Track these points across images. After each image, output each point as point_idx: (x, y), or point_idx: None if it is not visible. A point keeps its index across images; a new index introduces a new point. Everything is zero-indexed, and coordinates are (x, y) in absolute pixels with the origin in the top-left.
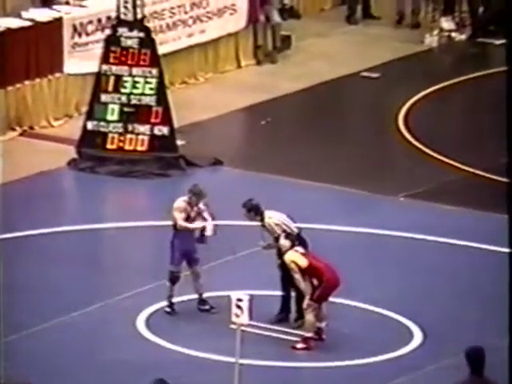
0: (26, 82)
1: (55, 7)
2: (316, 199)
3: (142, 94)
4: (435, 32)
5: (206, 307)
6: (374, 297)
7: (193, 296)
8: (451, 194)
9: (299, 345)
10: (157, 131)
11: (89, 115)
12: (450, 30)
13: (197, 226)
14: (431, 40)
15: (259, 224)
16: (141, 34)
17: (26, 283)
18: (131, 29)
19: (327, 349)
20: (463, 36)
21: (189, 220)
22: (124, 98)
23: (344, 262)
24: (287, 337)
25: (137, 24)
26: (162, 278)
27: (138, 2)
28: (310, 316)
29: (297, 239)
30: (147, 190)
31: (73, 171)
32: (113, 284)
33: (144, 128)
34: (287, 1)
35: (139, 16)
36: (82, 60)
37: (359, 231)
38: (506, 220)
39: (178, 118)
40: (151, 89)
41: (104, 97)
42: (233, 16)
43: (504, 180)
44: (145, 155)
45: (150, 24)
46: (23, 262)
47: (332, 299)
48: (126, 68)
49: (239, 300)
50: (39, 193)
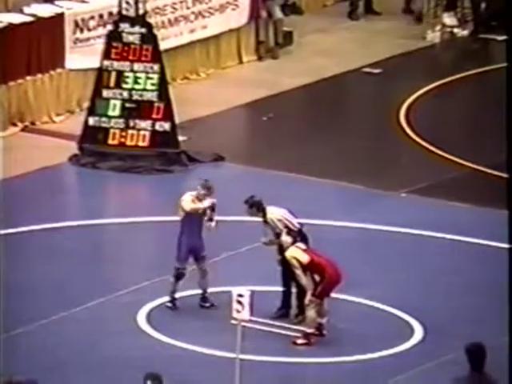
0: (28, 78)
1: (57, 2)
2: (317, 195)
3: (144, 90)
4: (437, 28)
5: (207, 305)
6: (375, 293)
7: (194, 292)
8: (453, 190)
9: (300, 340)
10: (158, 127)
11: (90, 111)
12: (452, 26)
13: (205, 206)
14: (433, 36)
15: (261, 220)
16: (142, 30)
17: (28, 278)
18: (133, 24)
19: (328, 344)
20: (465, 32)
21: (195, 214)
22: (125, 94)
23: (345, 258)
24: (288, 332)
25: (138, 19)
26: (163, 274)
27: None
28: (312, 312)
29: (298, 235)
30: (149, 186)
31: (74, 167)
32: (114, 279)
33: (145, 124)
34: None
35: (141, 11)
36: (84, 55)
37: (361, 227)
38: (507, 216)
39: (180, 114)
40: (153, 84)
41: (106, 92)
42: (235, 11)
43: (505, 176)
44: (146, 151)
45: (152, 19)
46: (25, 258)
47: (333, 295)
48: (128, 63)
49: (240, 296)
50: (41, 188)
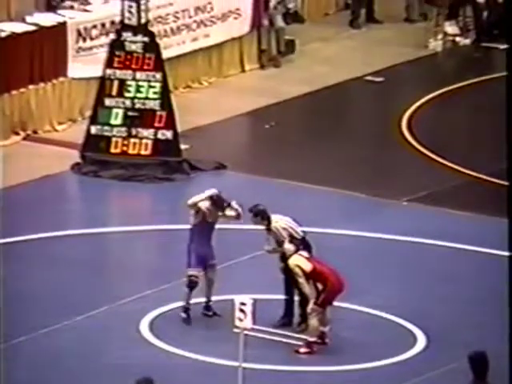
0: (30, 87)
1: (59, 12)
2: (319, 203)
3: (146, 99)
4: (439, 36)
5: (210, 313)
6: (378, 301)
7: (196, 300)
8: (454, 198)
9: (302, 349)
10: (160, 135)
11: (93, 119)
12: (455, 35)
13: (207, 194)
14: (435, 44)
15: (264, 228)
16: (145, 39)
17: (30, 287)
18: (135, 33)
19: (330, 353)
20: (467, 40)
21: (206, 222)
22: (128, 102)
23: (347, 266)
24: (290, 341)
25: (141, 28)
26: (166, 282)
27: (143, 7)
28: (314, 320)
29: (301, 243)
30: (151, 194)
31: (76, 175)
32: (116, 288)
33: (148, 132)
34: (291, 5)
35: (143, 20)
36: (86, 64)
37: (363, 235)
38: (508, 224)
39: (182, 123)
40: (155, 93)
41: (108, 101)
42: (237, 20)
43: (507, 184)
44: (148, 159)
45: (154, 28)
46: (27, 266)
47: (336, 303)
48: (130, 72)
49: (242, 304)
50: (43, 197)
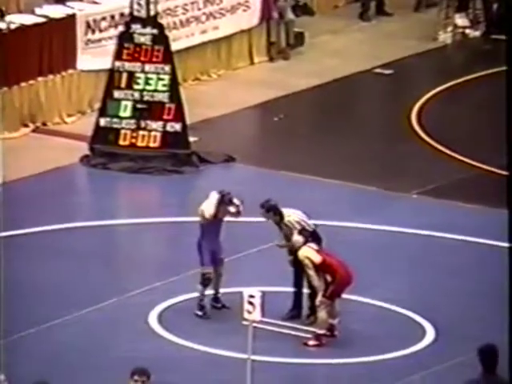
0: (40, 79)
1: (68, 4)
2: (328, 196)
3: (155, 91)
4: (449, 29)
5: (218, 305)
6: (387, 294)
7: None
8: (464, 191)
9: (311, 341)
10: (169, 128)
11: (101, 111)
12: (464, 27)
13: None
14: (445, 37)
15: (275, 223)
16: (154, 31)
17: (38, 279)
18: (144, 25)
19: (339, 345)
20: (477, 33)
21: (216, 219)
22: (137, 95)
23: (357, 259)
24: (299, 333)
25: (150, 20)
26: (175, 275)
27: None
28: (323, 313)
29: (311, 236)
30: (159, 187)
31: (85, 167)
32: (125, 280)
33: (156, 124)
34: None
35: (152, 13)
36: (95, 56)
37: (372, 228)
38: (508, 215)
39: (191, 115)
40: (164, 85)
41: (117, 93)
42: (246, 12)
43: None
44: (157, 152)
45: (163, 20)
46: (35, 259)
47: (345, 296)
48: (139, 64)
49: (251, 296)
50: (52, 189)
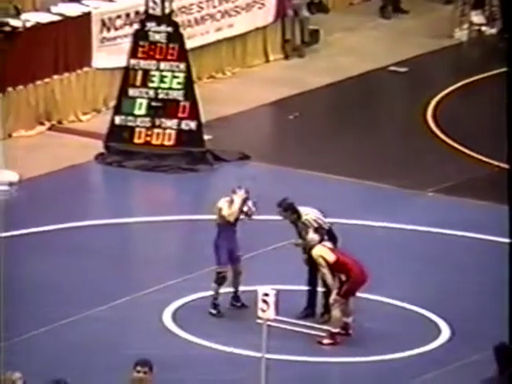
0: (55, 77)
1: (84, 2)
2: (344, 194)
3: (170, 89)
4: (465, 26)
5: (238, 304)
6: (402, 292)
7: (220, 291)
8: (480, 189)
9: (326, 340)
10: (184, 126)
11: (116, 109)
12: (480, 24)
13: (240, 206)
14: (461, 34)
15: (291, 221)
16: (169, 29)
17: (53, 277)
18: (159, 23)
19: (354, 344)
20: (493, 30)
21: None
22: (152, 93)
23: (372, 257)
24: (314, 332)
25: (165, 18)
26: (189, 273)
27: None
28: (337, 311)
29: (327, 234)
30: (174, 185)
31: (100, 165)
32: (139, 278)
33: (171, 122)
34: None
35: (167, 10)
36: (111, 54)
37: (387, 226)
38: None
39: (206, 113)
40: (179, 83)
41: (132, 91)
42: (261, 10)
43: None
44: (172, 150)
45: (178, 18)
46: (50, 256)
47: (360, 294)
48: (154, 62)
49: (265, 295)
50: (67, 187)
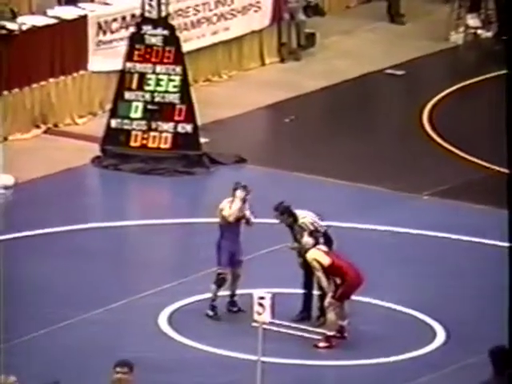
0: (51, 80)
1: (80, 5)
2: (340, 197)
3: (166, 92)
4: (461, 29)
5: (235, 309)
6: (398, 295)
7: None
8: (476, 193)
9: (321, 343)
10: (180, 129)
11: (113, 113)
12: (476, 28)
13: (239, 207)
14: (457, 37)
15: (287, 225)
16: (165, 32)
17: (50, 280)
18: (155, 26)
19: (350, 347)
20: (489, 33)
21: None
22: (148, 96)
23: (367, 261)
24: (309, 335)
25: (161, 22)
26: (185, 276)
27: (163, 0)
28: (332, 314)
29: (322, 237)
30: (170, 188)
31: (97, 168)
32: (135, 281)
33: (167, 126)
34: None
35: (163, 14)
36: (107, 57)
37: (383, 229)
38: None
39: (202, 116)
40: (175, 86)
41: (128, 94)
42: (257, 13)
43: None
44: (168, 153)
45: (175, 22)
46: (47, 259)
47: (355, 297)
48: (150, 66)
49: (261, 298)
50: (63, 190)
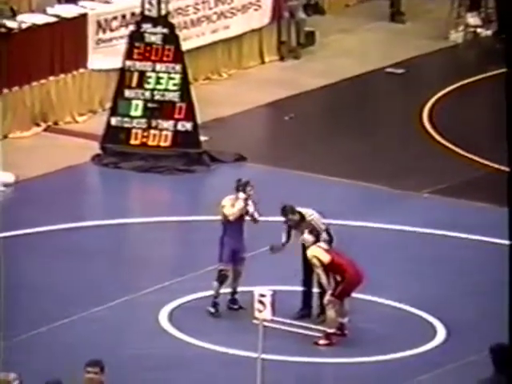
0: (51, 78)
1: (80, 3)
2: (339, 195)
3: (166, 90)
4: (461, 28)
5: (235, 307)
6: (398, 293)
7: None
8: (476, 190)
9: (322, 341)
10: (180, 127)
11: (113, 111)
12: (476, 26)
13: (242, 206)
14: (456, 36)
15: (291, 223)
16: (165, 30)
17: (50, 278)
18: (155, 25)
19: (350, 344)
20: (489, 32)
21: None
22: (147, 94)
23: (367, 259)
24: (310, 332)
25: (161, 20)
26: (185, 273)
27: None
28: (331, 312)
29: (325, 235)
30: (171, 186)
31: (97, 166)
32: (136, 279)
33: (167, 124)
34: None
35: (163, 12)
36: (106, 56)
37: (383, 227)
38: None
39: (202, 114)
40: (175, 84)
41: (128, 92)
42: (257, 12)
43: None
44: (168, 151)
45: (174, 20)
46: (47, 257)
47: (355, 295)
48: (150, 64)
49: (262, 295)
50: (63, 188)
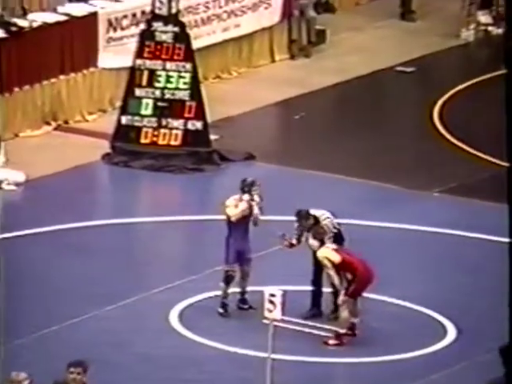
0: (61, 77)
1: (91, 2)
2: (349, 194)
3: (176, 89)
4: (472, 26)
5: (245, 306)
6: (408, 292)
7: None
8: (486, 190)
9: (332, 341)
10: (190, 126)
11: (123, 110)
12: (487, 24)
13: (244, 208)
14: (467, 34)
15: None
16: (175, 29)
17: (60, 277)
18: (166, 23)
19: (360, 344)
20: (500, 30)
21: (244, 216)
22: (158, 93)
23: (378, 258)
24: (320, 332)
25: (171, 18)
26: (196, 273)
27: None
28: (345, 312)
29: (334, 235)
30: (181, 185)
31: (107, 165)
32: (146, 278)
33: (178, 122)
34: None
35: (174, 10)
36: (117, 54)
37: (393, 226)
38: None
39: (212, 113)
40: (185, 83)
41: (138, 91)
42: (267, 10)
43: None
44: (178, 150)
45: (185, 18)
46: (57, 256)
47: (366, 294)
48: (160, 62)
49: (272, 295)
50: (73, 187)
